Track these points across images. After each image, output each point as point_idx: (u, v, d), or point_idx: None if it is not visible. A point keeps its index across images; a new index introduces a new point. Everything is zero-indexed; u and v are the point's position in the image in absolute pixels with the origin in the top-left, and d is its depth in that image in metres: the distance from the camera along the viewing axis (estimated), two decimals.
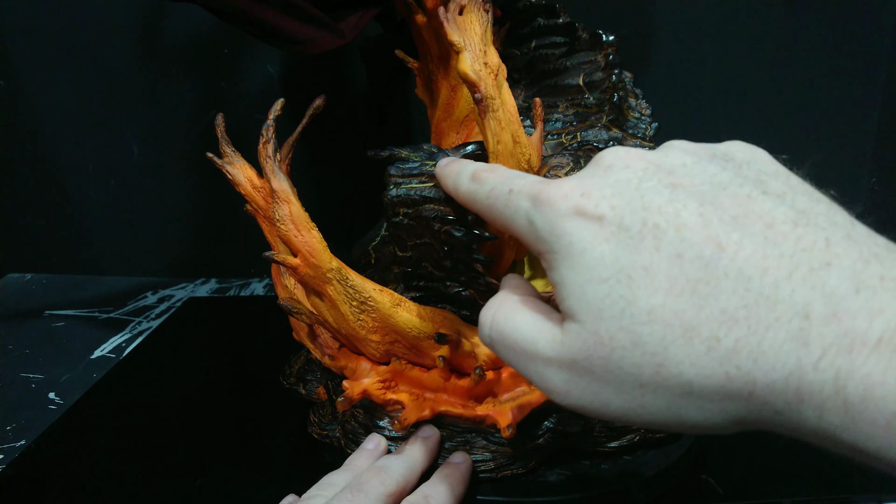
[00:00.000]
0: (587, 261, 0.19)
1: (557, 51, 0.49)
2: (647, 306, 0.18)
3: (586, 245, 0.20)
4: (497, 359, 0.37)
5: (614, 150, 0.23)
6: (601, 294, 0.19)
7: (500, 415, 0.35)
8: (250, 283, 0.71)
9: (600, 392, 0.20)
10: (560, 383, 0.21)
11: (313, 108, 0.41)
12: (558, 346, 0.20)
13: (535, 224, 0.21)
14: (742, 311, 0.17)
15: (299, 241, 0.33)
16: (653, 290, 0.18)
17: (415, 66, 0.49)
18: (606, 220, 0.19)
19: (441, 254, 0.35)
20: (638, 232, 0.19)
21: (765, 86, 0.75)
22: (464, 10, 0.38)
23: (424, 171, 0.35)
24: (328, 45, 0.47)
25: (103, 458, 0.41)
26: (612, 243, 0.19)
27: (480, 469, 0.35)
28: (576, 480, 0.36)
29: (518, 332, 0.22)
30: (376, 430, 0.37)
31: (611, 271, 0.19)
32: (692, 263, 0.18)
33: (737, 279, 0.17)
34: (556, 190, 0.21)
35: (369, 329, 0.35)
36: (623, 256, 0.19)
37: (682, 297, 0.18)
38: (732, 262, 0.18)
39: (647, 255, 0.19)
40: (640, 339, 0.18)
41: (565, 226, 0.20)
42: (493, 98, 0.34)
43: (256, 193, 0.37)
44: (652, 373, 0.18)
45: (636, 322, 0.18)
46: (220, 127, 0.38)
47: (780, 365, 0.17)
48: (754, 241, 0.18)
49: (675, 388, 0.18)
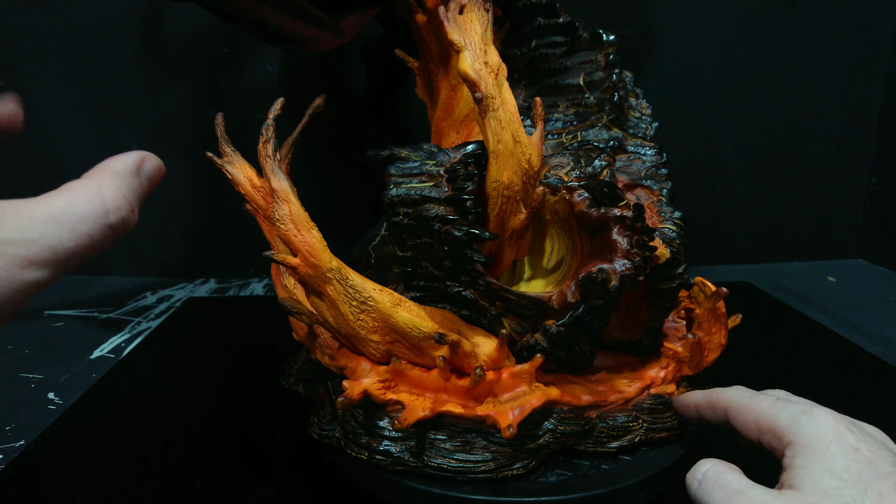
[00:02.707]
0: (835, 463, 0.27)
1: (558, 50, 0.49)
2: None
3: (840, 454, 0.27)
4: (498, 359, 0.37)
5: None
6: (834, 486, 0.26)
7: (500, 415, 0.35)
8: (250, 283, 0.71)
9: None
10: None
11: (313, 108, 0.41)
12: (772, 498, 0.27)
13: (801, 422, 0.29)
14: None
15: (299, 241, 0.33)
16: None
17: (415, 65, 0.49)
18: (862, 452, 0.27)
19: (441, 253, 0.35)
20: (887, 472, 0.26)
21: (765, 86, 0.75)
22: (464, 9, 0.38)
23: (424, 170, 0.35)
24: (328, 44, 0.47)
25: (103, 458, 0.41)
26: (862, 465, 0.27)
27: (480, 469, 0.35)
28: (577, 481, 0.36)
29: (731, 476, 0.29)
30: (376, 430, 0.37)
31: (851, 477, 0.26)
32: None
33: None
34: (828, 413, 0.29)
35: (369, 329, 0.35)
36: (866, 475, 0.26)
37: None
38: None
39: (888, 486, 0.26)
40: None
41: (830, 434, 0.28)
42: (493, 97, 0.34)
43: (256, 193, 0.36)
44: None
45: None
46: (220, 126, 0.37)
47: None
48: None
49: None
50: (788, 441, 0.29)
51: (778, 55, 0.73)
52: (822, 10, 0.72)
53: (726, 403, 0.34)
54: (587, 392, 0.38)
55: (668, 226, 0.39)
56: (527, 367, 0.36)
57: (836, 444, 0.28)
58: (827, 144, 0.77)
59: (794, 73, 0.74)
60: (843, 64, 0.74)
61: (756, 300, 0.70)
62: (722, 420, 0.34)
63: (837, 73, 0.75)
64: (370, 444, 0.36)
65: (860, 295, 0.72)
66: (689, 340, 0.39)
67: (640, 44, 0.70)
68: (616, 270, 0.34)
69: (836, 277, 0.78)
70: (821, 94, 0.75)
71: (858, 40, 0.73)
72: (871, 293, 0.73)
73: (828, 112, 0.76)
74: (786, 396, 0.34)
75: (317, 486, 0.38)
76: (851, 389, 0.50)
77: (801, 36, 0.73)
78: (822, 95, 0.75)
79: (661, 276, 0.37)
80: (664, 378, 0.40)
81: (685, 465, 0.38)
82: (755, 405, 0.32)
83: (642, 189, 0.42)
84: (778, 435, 0.29)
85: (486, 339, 0.37)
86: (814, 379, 0.52)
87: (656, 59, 0.71)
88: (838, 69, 0.75)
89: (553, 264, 0.40)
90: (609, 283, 0.34)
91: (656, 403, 0.39)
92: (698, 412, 0.36)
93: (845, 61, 0.74)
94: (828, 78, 0.75)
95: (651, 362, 0.41)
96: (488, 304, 0.37)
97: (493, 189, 0.35)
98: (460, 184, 0.34)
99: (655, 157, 0.44)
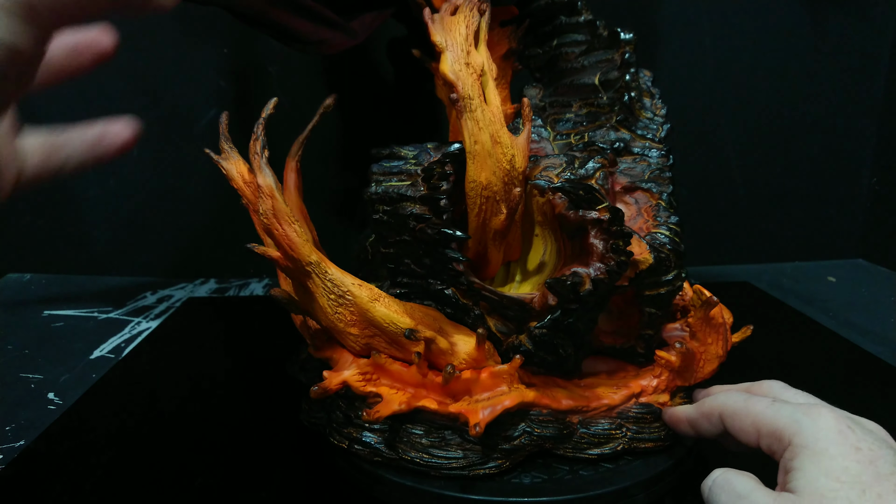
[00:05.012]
0: (833, 464, 0.26)
1: (577, 49, 0.48)
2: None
3: (839, 455, 0.26)
4: (479, 359, 0.37)
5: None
6: (831, 488, 0.25)
7: (471, 413, 0.35)
8: (249, 283, 0.71)
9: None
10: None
11: (324, 107, 0.42)
12: (771, 500, 0.27)
13: (801, 423, 0.28)
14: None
15: (280, 235, 0.34)
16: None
17: (433, 65, 0.50)
18: (863, 451, 0.26)
19: (420, 251, 0.36)
20: (887, 472, 0.26)
21: (765, 85, 0.74)
22: (458, 10, 0.38)
23: (404, 169, 0.36)
24: (341, 45, 0.48)
25: (102, 458, 0.41)
26: (862, 465, 0.26)
27: (452, 466, 0.36)
28: (550, 484, 0.36)
29: (738, 481, 0.29)
30: (357, 420, 0.38)
31: (850, 479, 0.25)
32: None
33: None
34: (828, 412, 0.28)
35: (347, 322, 0.36)
36: (865, 476, 0.25)
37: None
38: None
39: (888, 488, 0.25)
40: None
41: (830, 434, 0.27)
42: (470, 98, 0.34)
43: (247, 188, 0.38)
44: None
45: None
46: (224, 124, 0.39)
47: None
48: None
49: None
50: (788, 443, 0.28)
51: (778, 55, 0.72)
52: (822, 11, 0.70)
53: (721, 410, 0.32)
54: (569, 396, 0.38)
55: (661, 230, 0.38)
56: (506, 367, 0.36)
57: (836, 445, 0.27)
58: (827, 144, 0.75)
59: (795, 72, 0.73)
60: (844, 64, 0.72)
61: (756, 300, 0.69)
62: (719, 429, 0.33)
63: (837, 73, 0.73)
64: (351, 434, 0.37)
65: (860, 295, 0.71)
66: (679, 350, 0.38)
67: (642, 44, 0.69)
68: (590, 274, 0.33)
69: (836, 277, 0.76)
70: (821, 94, 0.73)
71: (859, 40, 0.71)
72: (871, 293, 0.71)
73: (828, 112, 0.74)
74: (782, 391, 0.33)
75: (317, 486, 0.39)
76: (851, 389, 0.49)
77: (801, 36, 0.71)
78: (822, 95, 0.73)
79: (647, 283, 0.37)
80: (656, 387, 0.39)
81: (670, 478, 0.37)
82: (752, 408, 0.31)
83: (642, 192, 0.41)
84: (778, 437, 0.29)
85: (469, 338, 0.37)
86: (814, 379, 0.51)
87: (656, 59, 0.70)
88: (838, 69, 0.73)
89: (542, 266, 0.40)
90: (581, 287, 0.33)
91: (643, 413, 0.38)
92: (692, 426, 0.35)
93: (845, 61, 0.72)
94: (828, 78, 0.73)
95: (643, 371, 0.40)
96: (471, 303, 0.37)
97: (472, 189, 0.35)
98: (435, 183, 0.34)
99: (661, 160, 0.42)
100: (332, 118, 0.44)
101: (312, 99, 0.41)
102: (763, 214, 0.79)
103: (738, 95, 0.73)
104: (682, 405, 0.37)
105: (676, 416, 0.36)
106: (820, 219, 0.80)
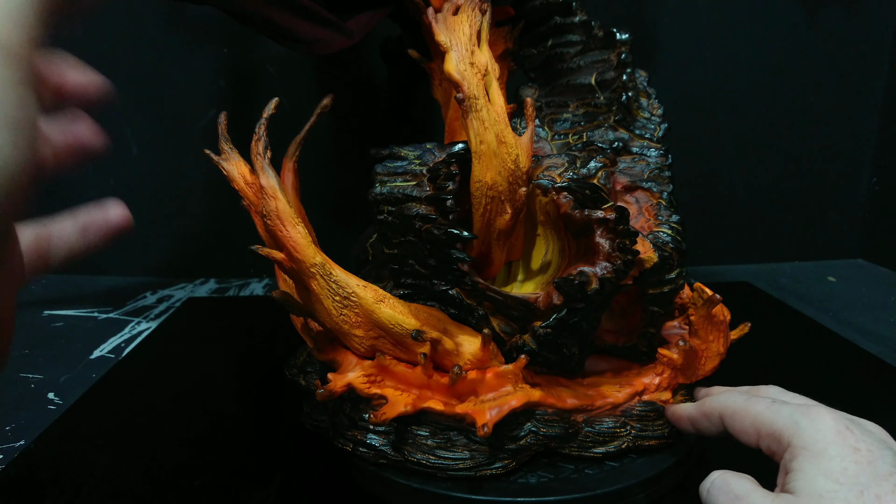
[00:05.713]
0: (831, 465, 0.26)
1: (573, 49, 0.49)
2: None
3: (838, 456, 0.26)
4: (483, 359, 0.37)
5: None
6: (829, 489, 0.25)
7: (477, 414, 0.35)
8: (249, 283, 0.71)
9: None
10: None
11: (321, 107, 0.42)
12: (769, 501, 0.27)
13: (800, 424, 0.28)
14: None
15: (283, 236, 0.34)
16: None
17: (429, 66, 0.50)
18: (862, 452, 0.26)
19: (425, 252, 0.36)
20: (886, 473, 0.26)
21: (765, 85, 0.75)
22: (459, 9, 0.38)
23: (409, 169, 0.36)
24: (337, 45, 0.48)
25: (102, 458, 0.41)
26: (861, 466, 0.26)
27: (459, 467, 0.36)
28: (557, 484, 0.36)
29: (735, 482, 0.29)
30: (361, 423, 0.37)
31: (848, 480, 0.26)
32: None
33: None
34: (827, 413, 0.29)
35: (352, 324, 0.36)
36: (864, 477, 0.25)
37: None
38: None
39: (887, 488, 0.25)
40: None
41: (829, 435, 0.27)
42: (476, 98, 0.34)
43: (249, 189, 0.38)
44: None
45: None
46: (222, 125, 0.39)
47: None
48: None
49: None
50: (787, 443, 0.28)
51: (778, 55, 0.72)
52: (822, 11, 0.71)
53: (721, 410, 0.33)
54: (573, 395, 0.38)
55: (663, 229, 0.38)
56: (511, 367, 0.36)
57: (835, 446, 0.27)
58: (827, 144, 0.76)
59: (795, 72, 0.73)
60: (844, 64, 0.73)
61: (756, 300, 0.69)
62: (719, 429, 0.33)
63: (838, 73, 0.73)
64: (355, 437, 0.37)
65: (860, 295, 0.71)
66: (681, 347, 0.38)
67: (640, 44, 0.70)
68: (596, 273, 0.33)
69: (836, 277, 0.77)
70: (821, 94, 0.74)
71: (859, 40, 0.72)
72: (871, 293, 0.72)
73: (828, 112, 0.74)
74: (780, 395, 0.33)
75: (317, 486, 0.39)
76: (851, 389, 0.49)
77: (801, 36, 0.71)
78: (822, 95, 0.74)
79: (651, 281, 0.37)
80: (658, 385, 0.40)
81: (673, 475, 0.38)
82: (751, 409, 0.31)
83: (642, 191, 0.41)
84: (777, 438, 0.29)
85: (473, 339, 0.37)
86: (814, 379, 0.51)
87: (656, 59, 0.71)
88: (838, 69, 0.73)
89: (546, 265, 0.40)
90: (588, 287, 0.33)
91: (647, 410, 0.38)
92: (693, 424, 0.35)
93: (845, 61, 0.73)
94: (828, 78, 0.73)
95: (646, 369, 0.40)
96: (475, 303, 0.37)
97: (477, 189, 0.35)
98: (441, 183, 0.34)
99: (660, 159, 0.43)
100: (328, 119, 0.44)
101: (312, 99, 0.40)
102: (763, 214, 0.79)
103: (736, 95, 0.73)
104: (684, 403, 0.37)
105: (678, 414, 0.37)
106: (820, 219, 0.80)
